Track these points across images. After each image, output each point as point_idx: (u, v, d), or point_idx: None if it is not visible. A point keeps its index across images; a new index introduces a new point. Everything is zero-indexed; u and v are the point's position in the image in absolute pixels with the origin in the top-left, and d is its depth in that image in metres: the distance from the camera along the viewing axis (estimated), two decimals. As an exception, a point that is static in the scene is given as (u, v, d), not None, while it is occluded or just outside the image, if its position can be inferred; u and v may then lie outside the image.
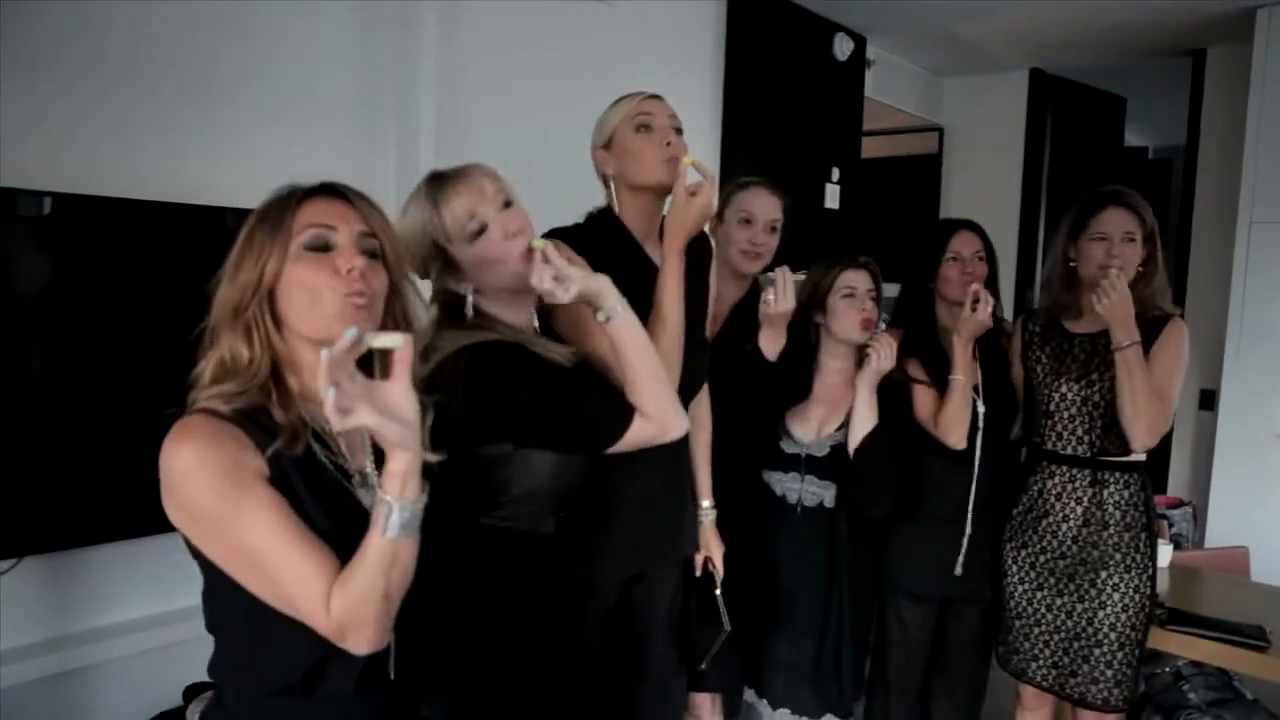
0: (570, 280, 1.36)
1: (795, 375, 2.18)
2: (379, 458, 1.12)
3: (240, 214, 2.05)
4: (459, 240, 1.40)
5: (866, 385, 2.12)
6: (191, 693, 2.04)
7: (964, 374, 2.18)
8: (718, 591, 1.96)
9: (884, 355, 2.09)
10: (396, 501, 1.01)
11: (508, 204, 1.42)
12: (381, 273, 1.14)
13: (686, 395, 1.74)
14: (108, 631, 2.05)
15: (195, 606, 1.12)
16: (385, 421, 0.98)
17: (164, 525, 1.04)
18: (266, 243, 1.11)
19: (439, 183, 1.42)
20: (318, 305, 1.09)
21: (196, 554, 1.09)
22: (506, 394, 1.35)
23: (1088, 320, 2.20)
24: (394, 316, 1.17)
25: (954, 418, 2.19)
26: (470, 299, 1.43)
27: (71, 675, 1.98)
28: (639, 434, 1.40)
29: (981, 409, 2.22)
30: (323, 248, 1.11)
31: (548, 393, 1.37)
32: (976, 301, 2.17)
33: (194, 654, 2.14)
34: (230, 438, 1.05)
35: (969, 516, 2.24)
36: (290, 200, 1.13)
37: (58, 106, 1.94)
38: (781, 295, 1.98)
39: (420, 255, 1.42)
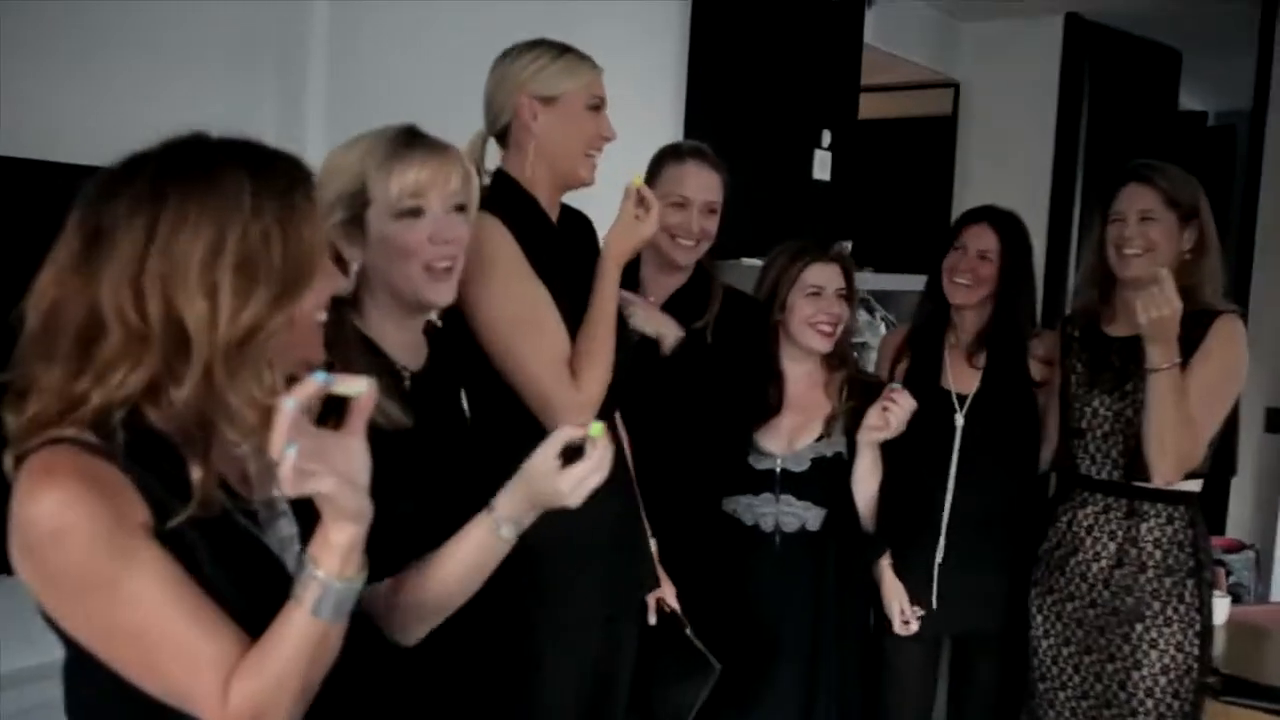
0: None
1: (756, 386, 2.26)
2: None
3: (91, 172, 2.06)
4: (384, 208, 1.45)
5: (871, 446, 2.18)
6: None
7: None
8: (688, 631, 2.03)
9: (900, 420, 2.13)
10: (333, 581, 1.02)
11: (460, 208, 1.49)
12: None
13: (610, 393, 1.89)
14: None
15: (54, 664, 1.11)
16: (344, 487, 1.00)
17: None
18: (306, 237, 1.10)
19: (408, 142, 1.47)
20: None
21: (53, 623, 1.06)
22: None
23: (1124, 321, 2.27)
24: None
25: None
26: (353, 274, 1.47)
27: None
28: None
29: (960, 423, 2.35)
30: None
31: None
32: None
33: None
34: (110, 484, 1.02)
35: (940, 545, 2.36)
36: (301, 181, 1.13)
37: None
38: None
39: (333, 194, 1.46)
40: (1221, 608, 2.99)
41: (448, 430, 1.64)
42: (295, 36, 2.57)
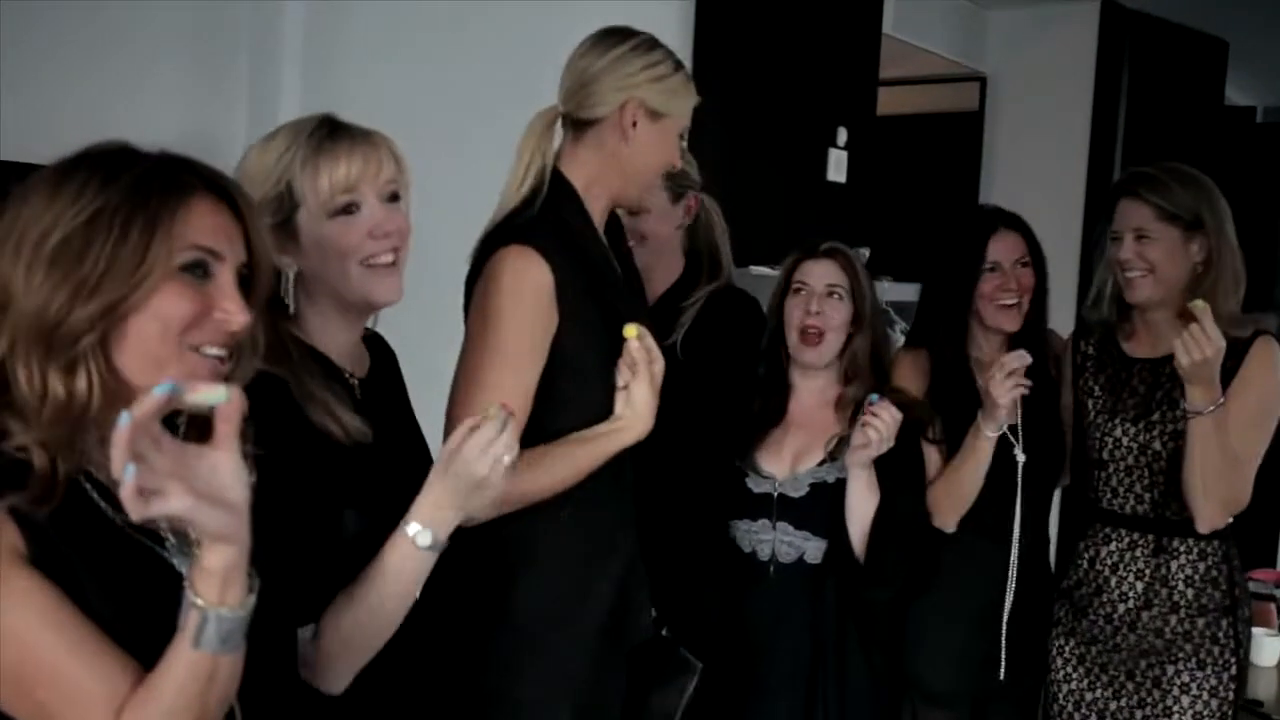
0: None
1: (750, 394, 2.32)
2: None
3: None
4: (316, 209, 1.49)
5: (860, 464, 2.17)
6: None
7: (991, 430, 2.24)
8: (664, 633, 2.11)
9: (882, 436, 2.13)
10: (214, 609, 1.02)
11: (394, 198, 1.54)
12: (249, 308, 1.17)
13: None
14: None
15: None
16: (203, 507, 0.98)
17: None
18: (145, 246, 1.08)
19: (331, 134, 1.51)
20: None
21: None
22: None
23: (1146, 340, 2.32)
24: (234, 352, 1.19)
25: (956, 493, 2.30)
26: (291, 280, 1.53)
27: None
28: None
29: (1021, 458, 2.32)
30: (200, 274, 1.12)
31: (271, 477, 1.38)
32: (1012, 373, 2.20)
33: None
34: None
35: (1008, 598, 2.35)
36: (173, 189, 1.11)
37: None
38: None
39: (257, 199, 1.47)
40: (1273, 647, 3.04)
41: (402, 440, 1.68)
42: (269, 38, 2.66)
